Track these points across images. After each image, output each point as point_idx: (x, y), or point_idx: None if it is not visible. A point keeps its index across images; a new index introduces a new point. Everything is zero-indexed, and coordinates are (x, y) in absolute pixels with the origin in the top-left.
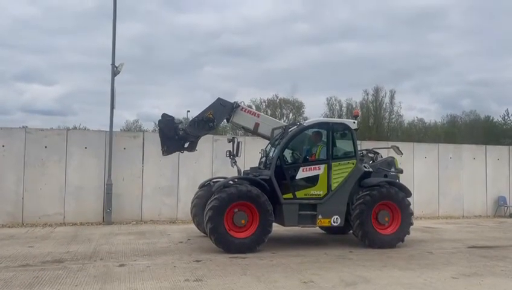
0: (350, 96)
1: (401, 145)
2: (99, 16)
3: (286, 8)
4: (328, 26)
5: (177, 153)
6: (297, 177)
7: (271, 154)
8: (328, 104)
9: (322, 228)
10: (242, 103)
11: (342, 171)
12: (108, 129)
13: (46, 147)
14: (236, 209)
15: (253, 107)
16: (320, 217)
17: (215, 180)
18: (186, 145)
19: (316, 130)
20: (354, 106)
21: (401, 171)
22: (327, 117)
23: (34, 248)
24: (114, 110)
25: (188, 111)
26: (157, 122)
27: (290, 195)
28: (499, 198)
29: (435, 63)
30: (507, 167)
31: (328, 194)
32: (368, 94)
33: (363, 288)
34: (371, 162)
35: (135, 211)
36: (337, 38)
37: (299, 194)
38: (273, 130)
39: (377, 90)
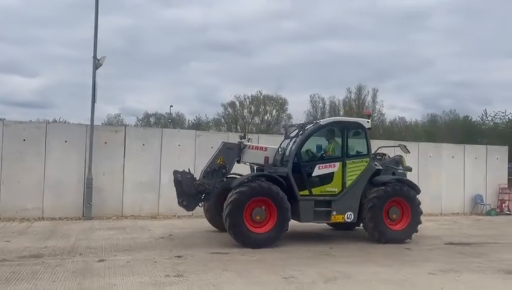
0: (333, 94)
1: (382, 143)
2: (83, 7)
3: (273, 5)
4: (314, 24)
5: (159, 147)
6: (313, 175)
7: (287, 151)
8: (311, 101)
9: (328, 223)
10: (247, 141)
11: (355, 169)
12: (89, 123)
13: (24, 140)
14: (255, 205)
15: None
16: (334, 213)
17: (229, 176)
18: (203, 196)
19: (331, 128)
20: (337, 104)
21: (410, 169)
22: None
23: (11, 243)
24: (95, 104)
25: (171, 106)
26: (173, 173)
27: (306, 192)
28: (476, 196)
29: (418, 63)
30: (484, 166)
31: (342, 191)
32: (350, 92)
33: (343, 284)
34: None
35: (116, 206)
36: (323, 36)
37: (315, 191)
38: (287, 126)
39: (359, 89)
